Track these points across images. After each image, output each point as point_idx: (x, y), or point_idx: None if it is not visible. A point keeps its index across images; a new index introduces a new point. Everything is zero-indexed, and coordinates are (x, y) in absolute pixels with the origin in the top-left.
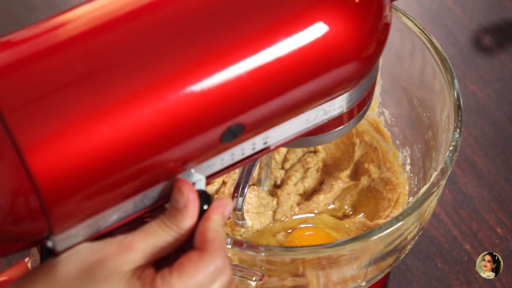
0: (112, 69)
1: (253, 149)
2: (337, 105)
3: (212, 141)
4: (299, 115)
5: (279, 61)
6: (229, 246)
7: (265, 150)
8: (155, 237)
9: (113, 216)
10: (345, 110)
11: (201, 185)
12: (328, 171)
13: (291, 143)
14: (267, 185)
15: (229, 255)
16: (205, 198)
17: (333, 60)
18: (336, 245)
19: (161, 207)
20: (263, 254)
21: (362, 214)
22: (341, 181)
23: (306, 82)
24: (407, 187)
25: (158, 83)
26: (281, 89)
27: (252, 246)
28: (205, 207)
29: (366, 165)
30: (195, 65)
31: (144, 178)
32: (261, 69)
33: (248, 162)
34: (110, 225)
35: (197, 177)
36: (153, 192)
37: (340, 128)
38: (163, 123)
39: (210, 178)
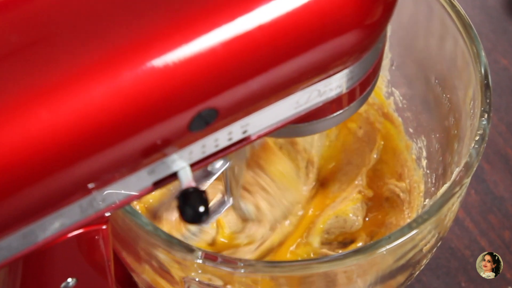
0: (52, 40)
1: (230, 139)
2: (335, 84)
3: (179, 129)
4: (287, 97)
5: (261, 29)
6: (199, 261)
7: (245, 141)
8: None
9: (54, 223)
10: (344, 90)
11: (186, 177)
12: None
13: (277, 132)
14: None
15: (199, 271)
16: (199, 197)
17: (330, 28)
18: (333, 259)
19: None
20: (242, 270)
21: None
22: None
23: (296, 55)
24: (422, 187)
25: (110, 57)
26: (265, 64)
27: (228, 261)
28: (201, 209)
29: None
30: (157, 34)
31: (93, 175)
32: (240, 40)
33: (222, 156)
34: (51, 235)
35: (180, 165)
36: (106, 193)
37: (338, 113)
38: (116, 106)
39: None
